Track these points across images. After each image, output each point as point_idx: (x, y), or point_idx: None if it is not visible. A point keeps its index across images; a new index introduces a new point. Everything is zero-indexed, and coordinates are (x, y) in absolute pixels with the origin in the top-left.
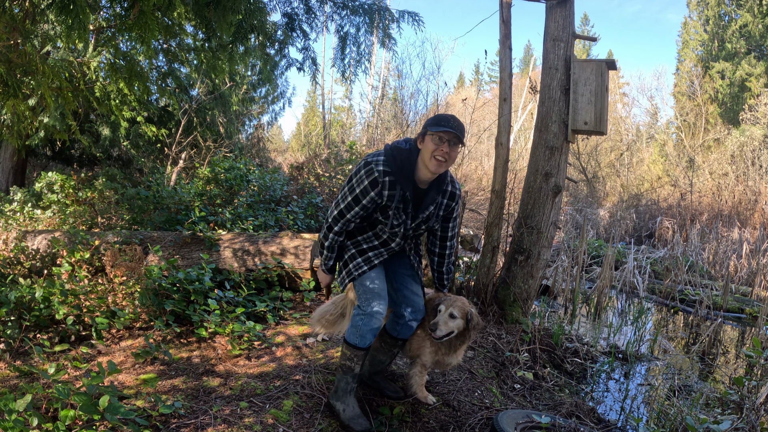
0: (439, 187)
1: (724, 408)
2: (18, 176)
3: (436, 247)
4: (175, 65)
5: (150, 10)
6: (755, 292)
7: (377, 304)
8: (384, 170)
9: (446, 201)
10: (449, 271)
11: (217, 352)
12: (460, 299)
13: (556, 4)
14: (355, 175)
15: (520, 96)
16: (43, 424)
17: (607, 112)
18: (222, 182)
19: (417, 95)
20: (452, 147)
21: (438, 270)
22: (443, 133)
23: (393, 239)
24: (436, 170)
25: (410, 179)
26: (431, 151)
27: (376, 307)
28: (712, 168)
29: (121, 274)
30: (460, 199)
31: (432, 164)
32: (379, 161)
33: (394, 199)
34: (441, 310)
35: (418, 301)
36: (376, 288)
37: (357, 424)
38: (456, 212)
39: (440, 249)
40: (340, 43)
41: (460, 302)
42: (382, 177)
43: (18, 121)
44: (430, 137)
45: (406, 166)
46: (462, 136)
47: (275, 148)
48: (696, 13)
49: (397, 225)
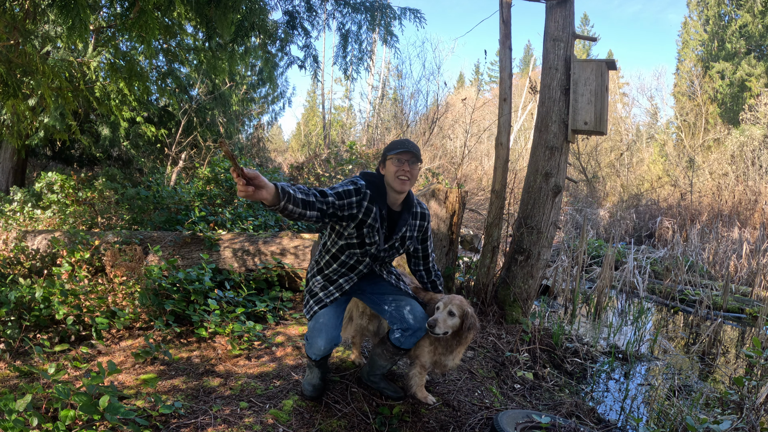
0: (409, 209)
1: (724, 408)
2: (18, 176)
3: (421, 266)
4: (175, 65)
5: (150, 10)
6: (755, 292)
7: (321, 338)
8: (366, 185)
9: (418, 222)
10: (438, 277)
11: (217, 352)
12: (458, 297)
13: (556, 4)
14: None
15: (520, 96)
16: (43, 424)
17: (607, 112)
18: (222, 182)
19: (417, 95)
20: (412, 165)
21: (430, 281)
22: (401, 154)
23: (362, 261)
24: (401, 188)
25: (384, 201)
26: (394, 173)
27: (319, 342)
28: (712, 168)
29: (121, 274)
30: (429, 218)
31: (396, 184)
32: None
33: (371, 214)
34: (439, 307)
35: (416, 311)
36: (327, 322)
37: (306, 390)
38: (429, 231)
39: (424, 266)
40: (342, 41)
41: (458, 300)
42: (365, 189)
43: (18, 121)
44: (391, 161)
45: (380, 187)
46: (418, 155)
47: (275, 148)
48: (696, 13)
49: (370, 244)
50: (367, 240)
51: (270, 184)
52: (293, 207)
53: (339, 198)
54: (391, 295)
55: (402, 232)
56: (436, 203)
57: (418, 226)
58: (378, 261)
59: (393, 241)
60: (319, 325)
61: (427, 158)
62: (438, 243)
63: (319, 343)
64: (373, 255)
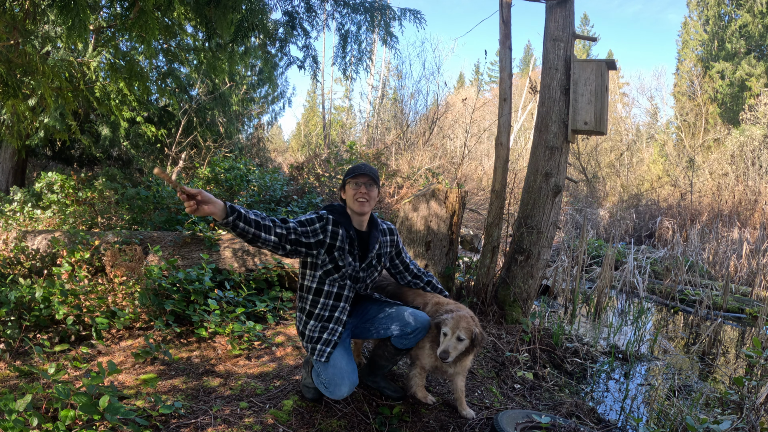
0: (376, 227)
1: (724, 408)
2: (18, 176)
3: (408, 276)
4: (175, 65)
5: (150, 10)
6: (755, 292)
7: (344, 386)
8: (329, 212)
9: (388, 237)
10: (430, 276)
11: (217, 352)
12: (464, 318)
13: (556, 4)
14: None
15: (520, 96)
16: (43, 424)
17: (607, 112)
18: (222, 182)
19: (417, 95)
20: (369, 188)
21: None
22: (358, 177)
23: (344, 285)
24: (361, 210)
25: (350, 224)
26: (353, 196)
27: (343, 389)
28: (712, 168)
29: (121, 274)
30: (396, 232)
31: (356, 206)
32: (323, 212)
33: (337, 236)
34: (446, 333)
35: (416, 312)
36: (344, 367)
37: (306, 391)
38: (400, 243)
39: (411, 274)
40: (341, 42)
41: (465, 323)
42: (327, 215)
43: (18, 121)
44: (349, 185)
45: (343, 213)
46: (376, 177)
47: (275, 148)
48: (696, 13)
49: (345, 266)
50: (340, 263)
51: (218, 201)
52: (245, 226)
53: (301, 225)
54: (388, 307)
55: (376, 249)
56: (436, 203)
57: (390, 241)
58: (359, 283)
59: (369, 259)
60: (339, 372)
61: (427, 158)
62: (438, 243)
63: (342, 390)
64: (353, 276)
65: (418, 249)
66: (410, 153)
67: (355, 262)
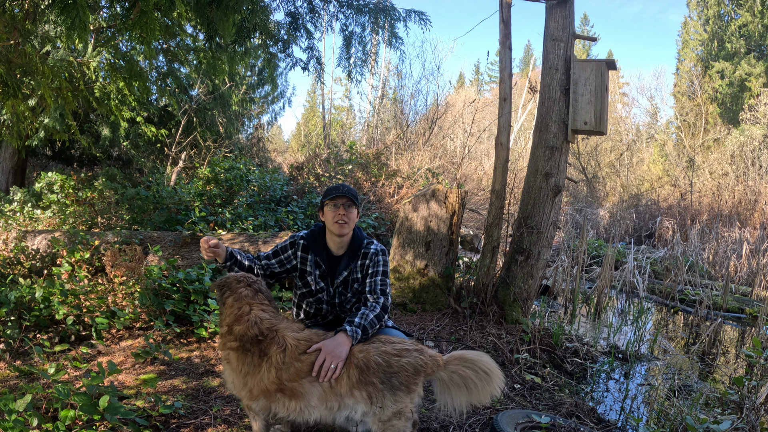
0: (354, 253)
1: (724, 408)
2: (18, 176)
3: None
4: (175, 65)
5: (150, 10)
6: (755, 292)
7: None
8: (301, 238)
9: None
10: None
11: (217, 352)
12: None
13: (556, 4)
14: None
15: (520, 96)
16: (43, 424)
17: (607, 112)
18: (222, 182)
19: (417, 95)
20: (348, 209)
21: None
22: (336, 199)
23: (320, 309)
24: (340, 231)
25: (323, 247)
26: (331, 218)
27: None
28: (712, 168)
29: (121, 274)
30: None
31: (335, 228)
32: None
33: (306, 262)
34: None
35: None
36: None
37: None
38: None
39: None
40: (345, 43)
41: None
42: (299, 241)
43: (18, 121)
44: (327, 206)
45: (318, 237)
46: (355, 198)
47: (275, 148)
48: (696, 13)
49: (317, 290)
50: (312, 287)
51: (224, 249)
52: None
53: (275, 255)
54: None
55: (343, 276)
56: (436, 203)
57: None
58: (337, 308)
59: (336, 285)
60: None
61: (427, 158)
62: (438, 243)
63: None
64: (328, 302)
65: (418, 249)
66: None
67: (328, 287)
